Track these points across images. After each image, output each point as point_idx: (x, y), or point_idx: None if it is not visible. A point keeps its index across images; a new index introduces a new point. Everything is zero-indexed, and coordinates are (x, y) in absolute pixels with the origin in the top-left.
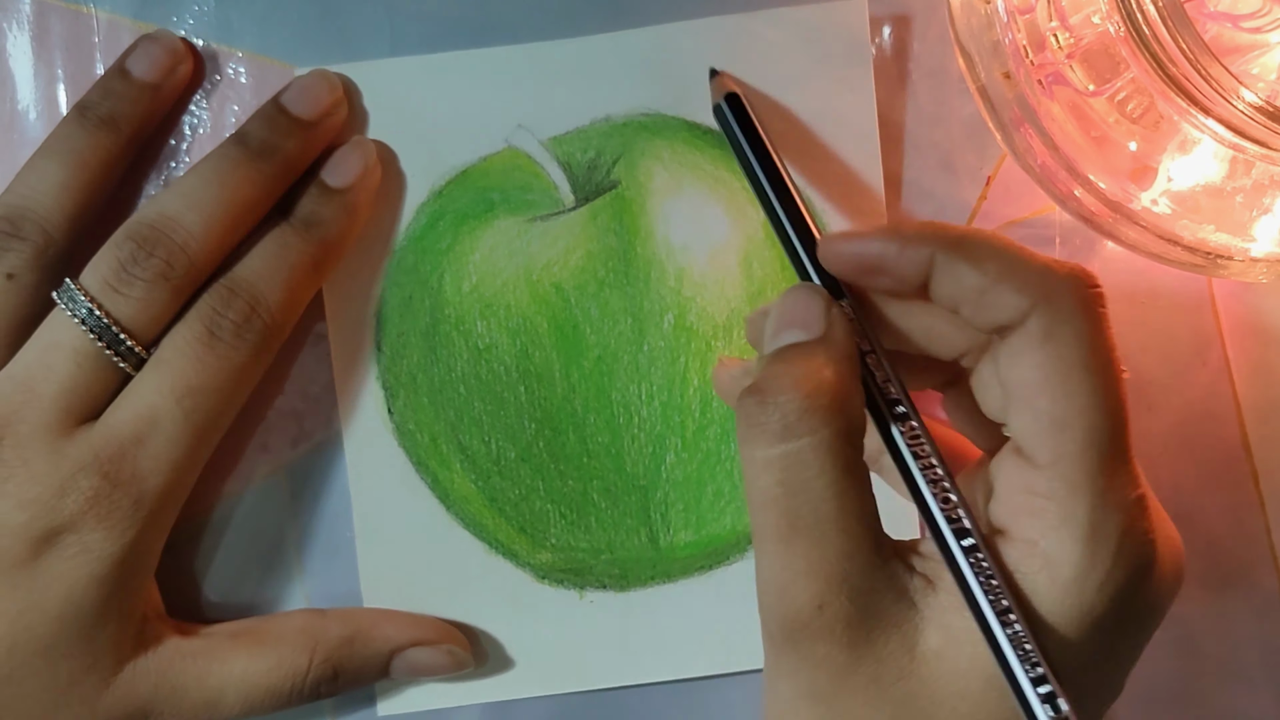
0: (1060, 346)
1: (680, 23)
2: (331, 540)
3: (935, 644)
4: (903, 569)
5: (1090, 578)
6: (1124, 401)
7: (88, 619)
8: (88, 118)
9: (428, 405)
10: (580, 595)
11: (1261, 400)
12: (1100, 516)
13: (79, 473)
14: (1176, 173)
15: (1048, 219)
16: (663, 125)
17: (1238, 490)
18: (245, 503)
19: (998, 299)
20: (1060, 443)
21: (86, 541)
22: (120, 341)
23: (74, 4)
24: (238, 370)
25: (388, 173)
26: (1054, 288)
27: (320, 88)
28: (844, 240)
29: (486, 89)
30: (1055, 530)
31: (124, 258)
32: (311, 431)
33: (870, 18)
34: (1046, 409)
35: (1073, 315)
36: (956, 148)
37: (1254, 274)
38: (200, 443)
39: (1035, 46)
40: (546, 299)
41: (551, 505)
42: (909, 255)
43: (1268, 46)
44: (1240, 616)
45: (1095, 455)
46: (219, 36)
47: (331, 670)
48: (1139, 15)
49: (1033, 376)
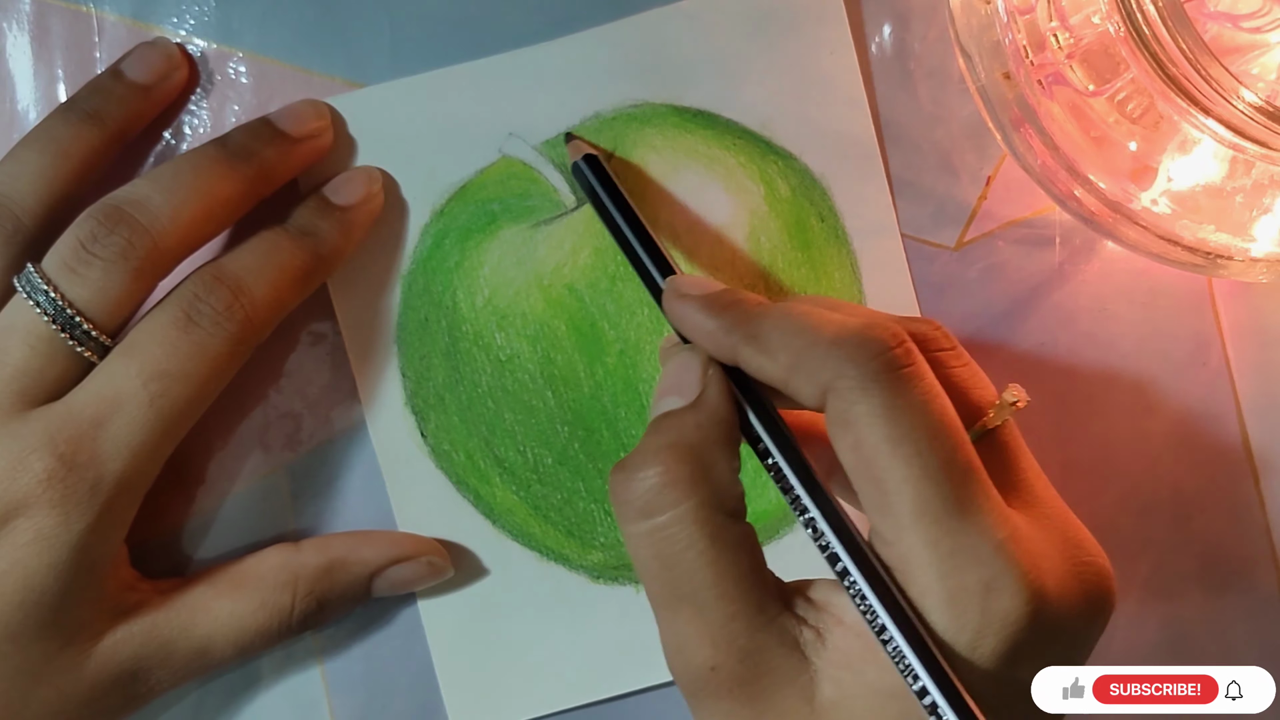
0: (859, 430)
1: (655, 10)
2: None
3: (831, 695)
4: (792, 622)
5: (960, 638)
6: (955, 452)
7: (51, 605)
8: (73, 111)
9: (459, 424)
10: (636, 590)
11: (1261, 400)
12: (955, 579)
13: (31, 453)
14: (1176, 173)
15: (1048, 219)
16: (651, 114)
17: (1238, 490)
18: (245, 503)
19: (797, 389)
20: (892, 522)
21: (40, 526)
22: (76, 325)
23: (74, 4)
24: (212, 359)
25: (387, 198)
26: (838, 370)
27: (307, 110)
28: (673, 299)
29: (473, 103)
30: (919, 600)
31: (84, 236)
32: (311, 432)
33: (870, 18)
34: (869, 494)
35: (862, 394)
36: (956, 148)
37: (1254, 274)
38: (166, 431)
39: (1035, 47)
40: (561, 301)
41: (595, 505)
42: (718, 340)
43: (1268, 46)
44: (1239, 616)
45: (930, 523)
46: (219, 36)
47: (315, 603)
48: (1139, 15)
49: (848, 462)
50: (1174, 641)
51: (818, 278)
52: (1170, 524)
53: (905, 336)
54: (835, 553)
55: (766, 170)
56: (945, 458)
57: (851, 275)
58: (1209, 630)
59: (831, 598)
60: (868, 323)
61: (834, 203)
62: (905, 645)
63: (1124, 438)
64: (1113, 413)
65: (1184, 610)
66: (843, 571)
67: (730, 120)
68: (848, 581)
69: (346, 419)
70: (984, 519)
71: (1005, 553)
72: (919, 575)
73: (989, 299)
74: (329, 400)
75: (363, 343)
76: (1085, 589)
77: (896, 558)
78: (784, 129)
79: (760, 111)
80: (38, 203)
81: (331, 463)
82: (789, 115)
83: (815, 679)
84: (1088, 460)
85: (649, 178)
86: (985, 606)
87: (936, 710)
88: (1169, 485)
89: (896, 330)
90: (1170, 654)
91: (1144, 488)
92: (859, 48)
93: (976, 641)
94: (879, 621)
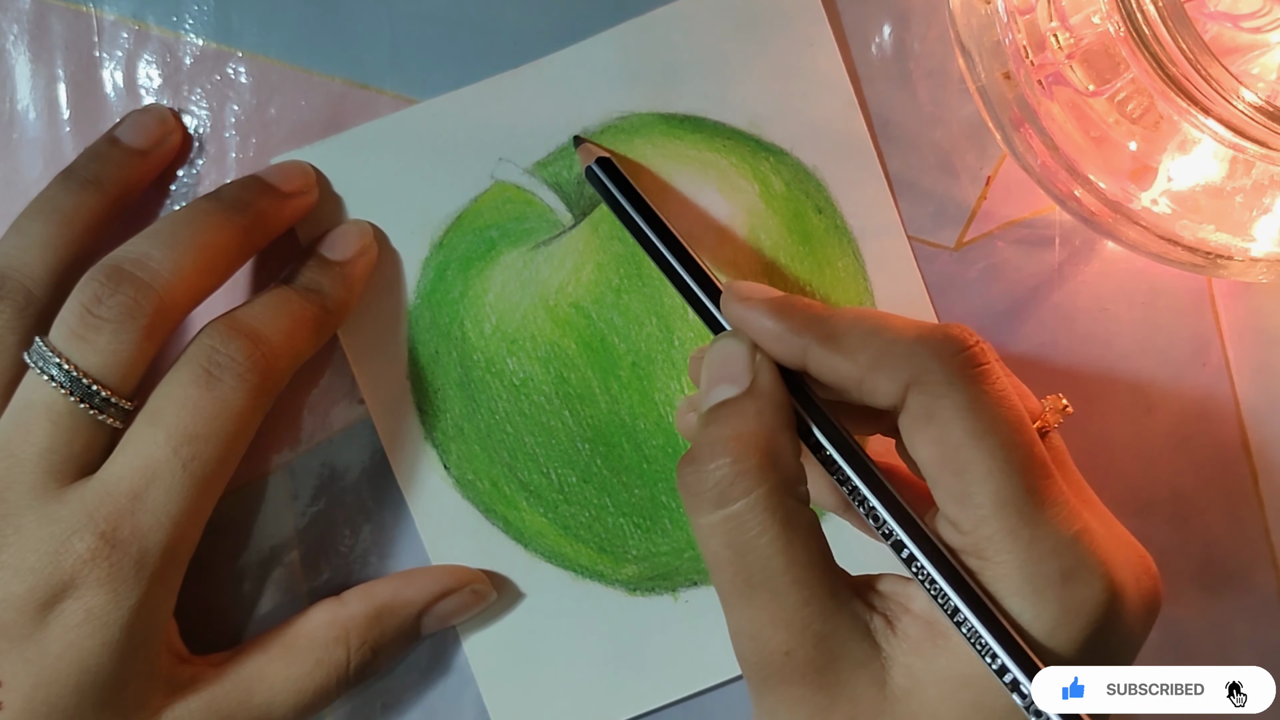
0: (942, 425)
1: (631, 21)
2: (332, 540)
3: (902, 683)
4: (863, 608)
5: (1039, 625)
6: (1032, 446)
7: (107, 684)
8: (73, 179)
9: (480, 452)
10: (675, 598)
11: (1261, 400)
12: (1034, 568)
13: (73, 534)
14: (1176, 173)
15: (1048, 219)
16: (639, 124)
17: (1238, 490)
18: (245, 503)
19: (875, 386)
20: (972, 513)
21: (90, 606)
22: (94, 394)
23: (74, 4)
24: (236, 414)
25: (382, 238)
26: (924, 366)
27: (293, 168)
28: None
29: (460, 132)
30: (994, 586)
31: (87, 299)
32: (311, 432)
33: (870, 18)
34: (951, 486)
35: (948, 389)
36: (956, 148)
37: (1254, 274)
38: (202, 493)
39: (1035, 47)
40: (568, 320)
41: (624, 518)
42: (786, 341)
43: (1268, 46)
44: (1239, 617)
45: (1012, 513)
46: (219, 36)
47: (370, 652)
48: (1139, 15)
49: (928, 455)
50: (1173, 642)
51: (821, 270)
52: (1169, 524)
53: (978, 337)
54: (900, 539)
55: (759, 168)
56: (1025, 451)
57: (856, 265)
58: (1208, 631)
59: (897, 588)
60: (943, 324)
61: (830, 194)
62: (980, 625)
63: (1123, 437)
64: (1112, 413)
65: (1183, 611)
66: (910, 558)
67: (718, 122)
68: (916, 567)
69: (346, 419)
70: (1061, 511)
71: (1082, 544)
72: (998, 562)
73: (989, 299)
74: (329, 400)
75: (376, 382)
76: (1141, 588)
77: (972, 546)
78: (773, 126)
79: (747, 110)
80: (47, 272)
81: (331, 463)
82: (776, 112)
83: (886, 666)
84: (1087, 460)
85: (653, 176)
86: (1063, 594)
87: (1018, 686)
88: (1168, 485)
89: (970, 330)
90: (1170, 654)
91: (1143, 488)
92: (847, 43)
93: (1055, 630)
94: (951, 604)
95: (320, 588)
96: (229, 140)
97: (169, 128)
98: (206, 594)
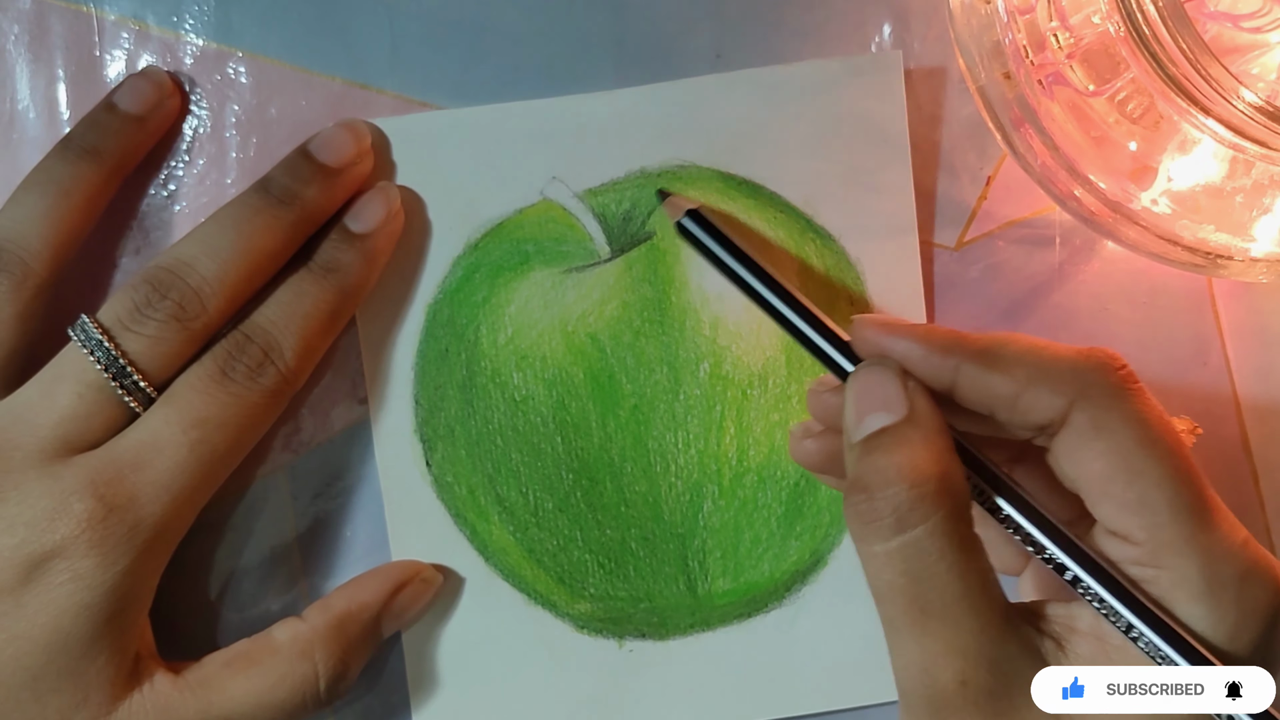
0: (1114, 436)
1: (714, 75)
2: (332, 540)
3: None
4: (1033, 632)
5: (1220, 630)
6: (1190, 458)
7: (76, 650)
8: (70, 149)
9: (465, 458)
10: (620, 645)
11: (1261, 400)
12: (1213, 571)
13: (72, 495)
14: (1176, 173)
15: (1048, 219)
16: (696, 176)
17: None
18: (245, 503)
19: (1034, 403)
20: (1150, 520)
21: (78, 568)
22: (128, 375)
23: (74, 4)
24: (249, 408)
25: (422, 226)
26: (1087, 380)
27: (346, 137)
28: (875, 331)
29: (521, 142)
30: (1170, 593)
31: (139, 300)
32: (311, 432)
33: (870, 18)
34: (1124, 495)
35: (1115, 401)
36: (956, 148)
37: (1254, 274)
38: (204, 476)
39: (1035, 46)
40: (582, 349)
41: (590, 555)
42: (933, 362)
43: (1268, 46)
44: None
45: (1188, 517)
46: (219, 36)
47: (341, 664)
48: (1139, 15)
49: (1099, 469)
50: None
51: None
52: None
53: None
54: (1062, 563)
55: (804, 247)
56: (1190, 462)
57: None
58: None
59: (1059, 610)
60: (1090, 346)
61: (865, 287)
62: (1156, 638)
63: None
64: None
65: None
66: (1074, 579)
67: (775, 193)
68: (1082, 587)
69: (347, 419)
70: (1228, 516)
71: (1251, 547)
72: (1173, 569)
73: (989, 299)
74: (329, 400)
75: (381, 364)
76: None
77: (1147, 556)
78: (826, 209)
79: (805, 188)
80: (44, 245)
81: (331, 463)
82: (833, 196)
83: None
84: None
85: (738, 222)
86: (1241, 596)
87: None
88: None
89: (1118, 355)
90: None
91: None
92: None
93: (1236, 633)
94: (1124, 620)
95: (319, 589)
96: (229, 140)
97: (166, 91)
98: (206, 594)
